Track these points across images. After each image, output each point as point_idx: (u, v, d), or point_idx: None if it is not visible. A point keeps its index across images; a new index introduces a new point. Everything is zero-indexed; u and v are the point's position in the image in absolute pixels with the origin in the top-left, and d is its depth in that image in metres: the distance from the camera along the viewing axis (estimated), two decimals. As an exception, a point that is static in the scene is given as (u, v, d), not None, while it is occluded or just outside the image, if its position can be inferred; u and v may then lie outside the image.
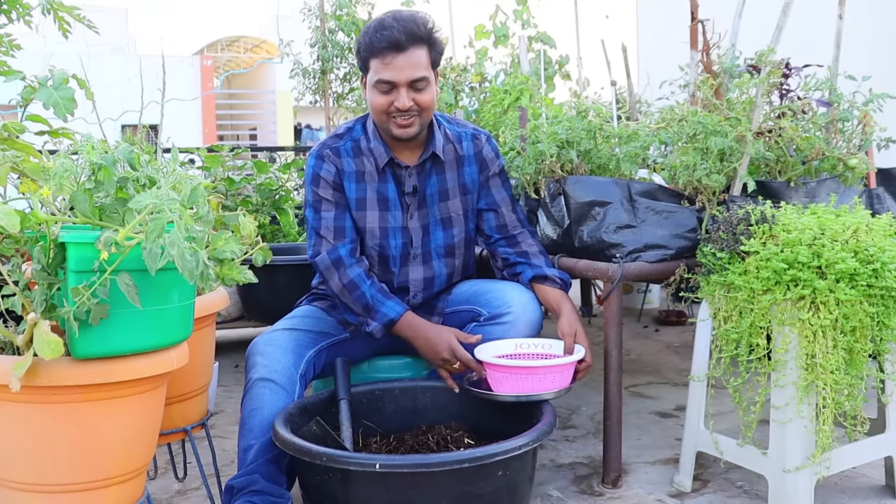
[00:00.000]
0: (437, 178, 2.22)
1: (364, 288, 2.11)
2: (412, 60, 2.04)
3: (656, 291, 4.78)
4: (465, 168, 2.26)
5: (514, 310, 2.12)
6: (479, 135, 2.30)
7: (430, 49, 2.08)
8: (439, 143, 2.20)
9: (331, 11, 4.95)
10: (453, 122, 2.31)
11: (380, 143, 2.17)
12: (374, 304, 2.11)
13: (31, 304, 1.41)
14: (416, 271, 2.24)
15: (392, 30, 2.02)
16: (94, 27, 1.88)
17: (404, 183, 2.20)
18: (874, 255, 1.82)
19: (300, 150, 7.02)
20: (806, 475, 1.91)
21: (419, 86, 2.06)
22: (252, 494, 1.87)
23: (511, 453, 1.66)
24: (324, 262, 2.14)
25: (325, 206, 2.16)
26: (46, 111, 1.53)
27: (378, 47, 2.03)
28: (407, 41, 2.03)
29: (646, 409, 2.94)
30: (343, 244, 2.15)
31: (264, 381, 1.99)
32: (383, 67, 2.04)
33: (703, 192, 2.19)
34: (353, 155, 2.19)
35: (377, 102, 2.08)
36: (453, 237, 2.26)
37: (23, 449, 1.39)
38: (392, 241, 2.20)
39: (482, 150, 2.28)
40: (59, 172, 1.39)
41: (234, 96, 19.08)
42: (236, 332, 4.09)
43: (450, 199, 2.24)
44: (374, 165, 2.18)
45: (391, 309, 2.10)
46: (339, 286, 2.13)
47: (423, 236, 2.23)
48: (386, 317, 2.10)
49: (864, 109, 2.44)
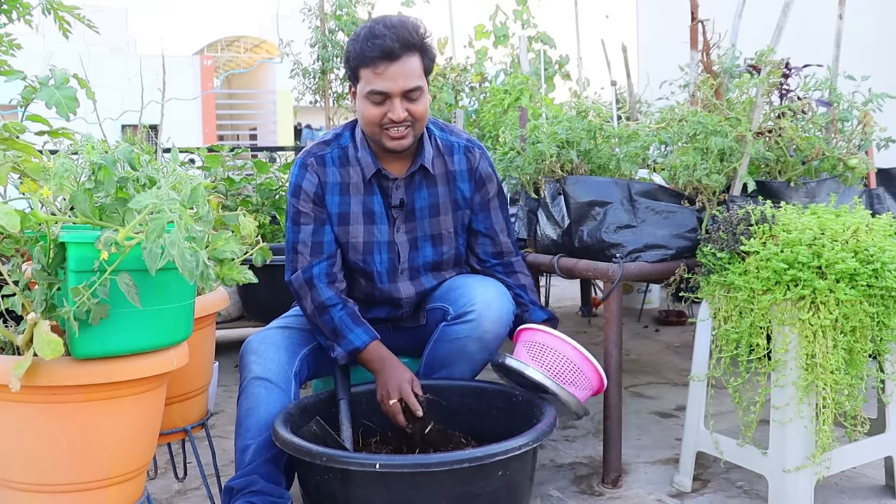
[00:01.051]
0: (427, 192, 2.15)
1: (334, 311, 2.05)
2: (406, 69, 1.96)
3: (656, 291, 4.79)
4: (458, 184, 2.18)
5: (478, 307, 2.05)
6: (472, 148, 2.19)
7: (423, 56, 2.00)
8: (429, 156, 2.13)
9: (331, 11, 4.95)
10: (445, 129, 2.22)
11: (367, 152, 2.09)
12: (341, 330, 2.03)
13: (31, 304, 1.41)
14: (406, 288, 2.18)
15: (384, 38, 1.93)
16: (94, 27, 1.88)
17: (391, 195, 2.13)
18: (874, 255, 1.82)
19: (300, 150, 7.02)
20: (806, 475, 1.91)
21: (413, 95, 1.98)
22: (252, 495, 1.86)
23: (511, 453, 1.66)
24: (297, 280, 2.08)
25: (304, 220, 2.09)
26: (48, 111, 1.53)
27: (369, 56, 1.95)
28: (400, 49, 1.94)
29: (646, 409, 2.94)
30: (319, 261, 2.08)
31: (259, 379, 1.97)
32: (375, 77, 1.96)
33: (703, 192, 2.19)
34: (338, 164, 2.11)
35: (369, 114, 2.00)
36: (442, 254, 2.19)
37: (23, 449, 1.39)
38: (377, 255, 2.14)
39: (478, 168, 2.19)
40: (60, 172, 1.39)
41: (234, 96, 19.08)
42: (236, 332, 4.09)
43: (441, 216, 2.17)
44: (360, 176, 2.10)
45: (357, 337, 2.03)
46: (311, 307, 2.06)
47: (411, 251, 2.16)
48: (351, 344, 2.02)
49: (864, 109, 2.44)
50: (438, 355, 2.14)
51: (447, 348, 2.11)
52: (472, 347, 2.09)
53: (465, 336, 2.07)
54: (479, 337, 2.07)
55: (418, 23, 2.03)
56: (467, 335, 2.07)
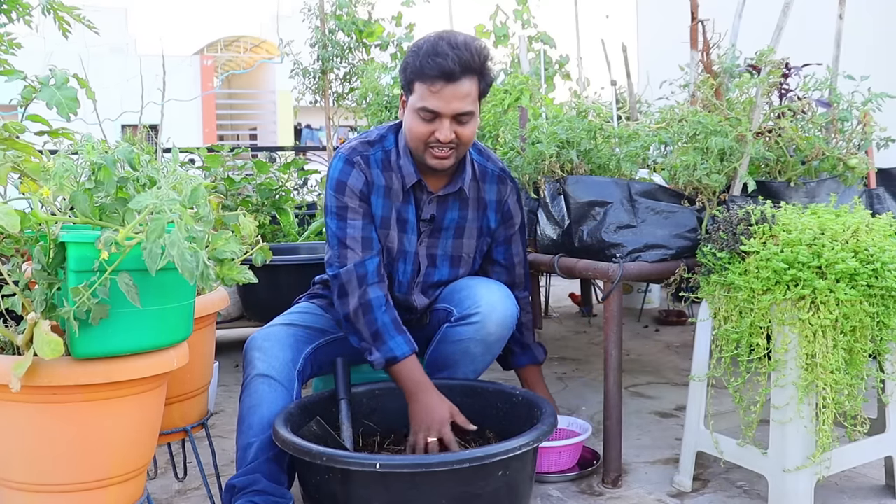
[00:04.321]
0: (458, 214, 2.15)
1: (378, 314, 2.00)
2: (461, 92, 1.93)
3: (656, 291, 4.79)
4: (487, 213, 2.20)
5: (483, 310, 2.06)
6: (505, 178, 2.22)
7: (481, 81, 1.98)
8: (468, 179, 2.13)
9: (331, 11, 4.95)
10: (483, 153, 2.22)
11: (409, 161, 2.07)
12: (382, 334, 1.99)
13: (31, 304, 1.41)
14: (419, 299, 2.20)
15: (446, 58, 1.90)
16: (93, 27, 1.88)
17: (422, 208, 2.12)
18: (874, 255, 1.82)
19: (300, 150, 7.03)
20: (806, 475, 1.91)
21: (464, 119, 1.96)
22: (254, 494, 1.86)
23: (511, 453, 1.66)
24: (349, 274, 2.02)
25: (351, 215, 2.04)
26: (48, 111, 1.53)
27: (428, 73, 1.92)
28: (460, 72, 1.91)
29: (646, 409, 2.94)
30: (372, 257, 2.04)
31: (263, 377, 1.97)
32: (430, 95, 1.93)
33: (703, 192, 2.19)
34: (382, 168, 2.08)
35: (417, 130, 1.98)
36: (458, 276, 2.21)
37: (23, 449, 1.39)
38: (402, 265, 2.14)
39: (506, 201, 2.21)
40: (60, 172, 1.39)
41: (234, 96, 19.08)
42: (236, 332, 4.09)
43: (465, 238, 2.18)
44: (400, 184, 2.09)
45: (398, 346, 1.99)
46: (356, 304, 2.01)
47: (428, 266, 2.17)
48: (391, 352, 1.98)
49: (864, 109, 2.44)
50: (441, 356, 2.14)
51: (450, 349, 2.12)
52: (476, 349, 2.10)
53: (469, 338, 2.08)
54: (483, 339, 2.08)
55: (483, 45, 1.99)
56: (471, 337, 2.07)
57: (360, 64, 4.95)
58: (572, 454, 2.29)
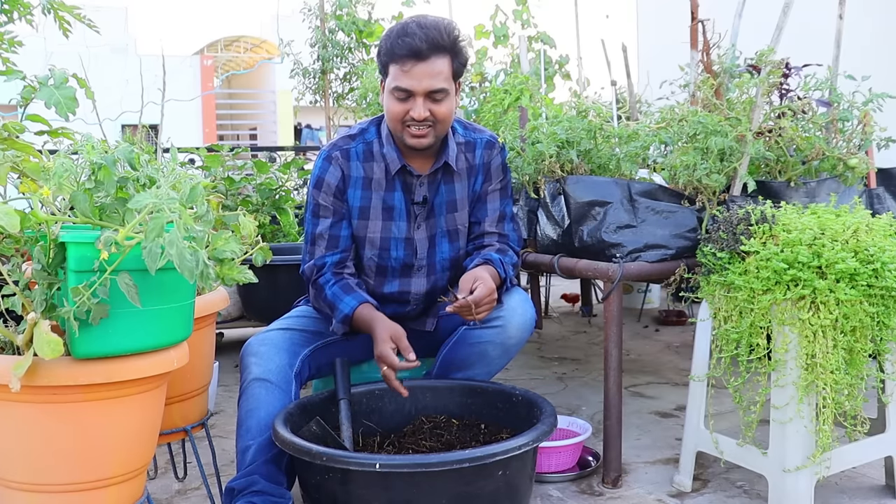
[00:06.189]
0: (445, 189, 2.17)
1: (328, 288, 2.08)
2: (432, 70, 1.97)
3: (656, 291, 4.79)
4: (476, 178, 2.20)
5: (505, 314, 2.07)
6: (493, 143, 2.22)
7: (453, 59, 2.01)
8: (452, 153, 2.14)
9: (331, 11, 4.95)
10: (469, 127, 2.24)
11: (393, 148, 2.10)
12: (334, 302, 2.06)
13: (31, 304, 1.41)
14: (418, 283, 2.19)
15: (414, 37, 1.95)
16: (94, 27, 1.88)
17: (414, 192, 2.14)
18: (874, 255, 1.82)
19: (300, 150, 7.02)
20: (806, 475, 1.91)
21: (437, 97, 2.00)
22: (253, 495, 1.86)
23: (511, 453, 1.66)
24: (309, 269, 2.12)
25: (322, 213, 2.12)
26: (48, 111, 1.53)
27: (398, 53, 1.97)
28: (428, 50, 1.96)
29: (646, 409, 2.94)
30: (334, 254, 2.12)
31: (259, 380, 1.97)
32: (402, 74, 1.98)
33: (704, 191, 2.19)
34: (363, 159, 2.12)
35: (393, 109, 2.02)
36: (458, 250, 2.20)
37: (23, 449, 1.39)
38: (393, 251, 2.15)
39: (491, 162, 2.21)
40: (59, 172, 1.39)
41: (234, 96, 19.07)
42: (236, 332, 4.09)
43: (457, 211, 2.19)
44: (383, 172, 2.12)
45: (346, 304, 2.05)
46: (314, 293, 2.11)
47: (430, 248, 2.17)
48: (342, 312, 2.04)
49: (864, 109, 2.44)
50: (458, 357, 2.14)
51: (468, 351, 2.12)
52: (494, 352, 2.10)
53: (489, 340, 2.08)
54: (503, 342, 2.09)
55: (453, 25, 2.02)
56: (490, 340, 2.08)
57: (360, 64, 4.96)
58: (572, 454, 2.29)
